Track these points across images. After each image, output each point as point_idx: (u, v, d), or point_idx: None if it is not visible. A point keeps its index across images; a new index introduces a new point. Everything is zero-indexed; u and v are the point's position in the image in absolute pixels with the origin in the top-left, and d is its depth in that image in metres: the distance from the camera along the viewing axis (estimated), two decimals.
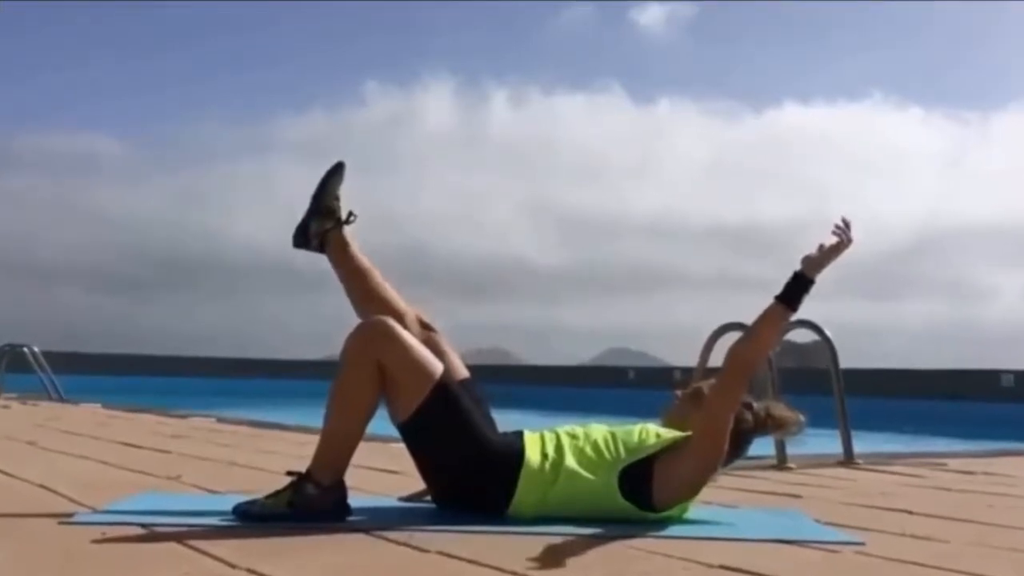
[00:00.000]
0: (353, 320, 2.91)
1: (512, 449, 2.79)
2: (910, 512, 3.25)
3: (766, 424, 2.96)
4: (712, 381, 2.90)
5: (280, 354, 26.56)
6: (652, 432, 2.86)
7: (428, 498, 3.00)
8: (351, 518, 2.74)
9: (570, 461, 2.77)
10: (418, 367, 2.77)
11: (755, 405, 2.96)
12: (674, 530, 2.69)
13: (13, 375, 12.44)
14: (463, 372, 2.91)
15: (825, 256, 2.82)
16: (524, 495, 2.76)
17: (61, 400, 11.20)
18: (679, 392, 3.08)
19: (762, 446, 3.45)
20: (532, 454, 2.78)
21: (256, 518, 2.68)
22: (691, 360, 5.32)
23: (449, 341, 2.96)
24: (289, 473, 2.78)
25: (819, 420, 3.23)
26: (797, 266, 2.82)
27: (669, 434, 2.85)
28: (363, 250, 3.03)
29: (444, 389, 2.78)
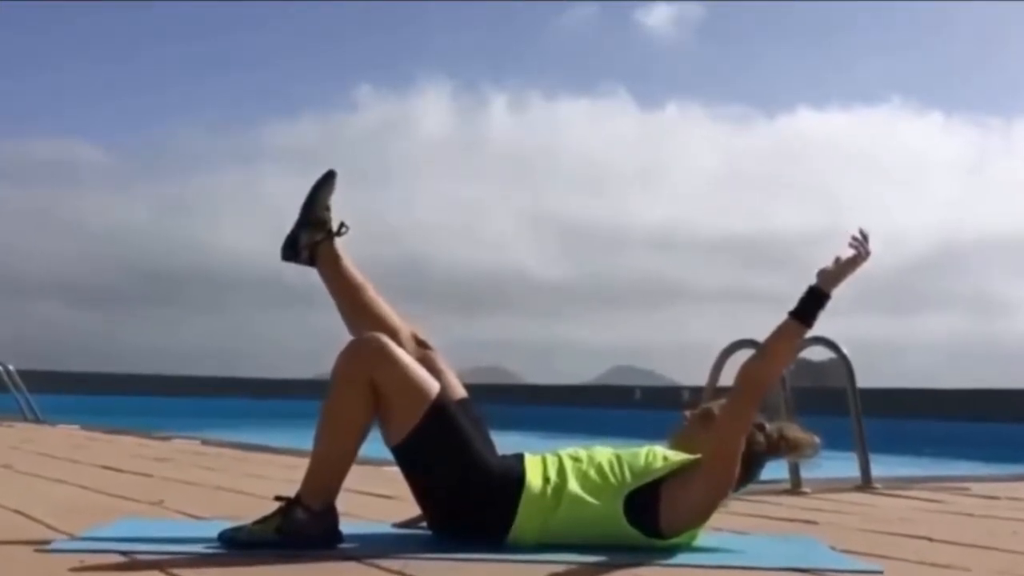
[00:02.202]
0: (345, 337, 2.87)
1: (512, 473, 2.75)
2: (930, 539, 3.22)
3: (779, 446, 2.93)
4: (723, 401, 2.87)
5: (268, 373, 26.72)
6: (659, 455, 2.82)
7: (423, 524, 2.96)
8: (342, 545, 2.71)
9: (573, 485, 2.73)
10: (413, 386, 2.73)
11: (768, 426, 2.92)
12: (682, 558, 2.66)
13: None
14: (460, 392, 2.88)
15: (842, 270, 2.79)
16: (525, 521, 2.71)
17: (38, 421, 11.22)
18: (688, 413, 3.05)
19: (775, 469, 3.43)
20: (533, 478, 2.74)
21: (243, 545, 2.66)
22: (700, 379, 5.32)
23: (446, 359, 2.93)
24: (278, 498, 2.75)
25: (835, 442, 3.19)
26: (812, 280, 2.78)
27: (677, 457, 2.81)
28: (355, 263, 3.00)
29: (440, 410, 2.73)
